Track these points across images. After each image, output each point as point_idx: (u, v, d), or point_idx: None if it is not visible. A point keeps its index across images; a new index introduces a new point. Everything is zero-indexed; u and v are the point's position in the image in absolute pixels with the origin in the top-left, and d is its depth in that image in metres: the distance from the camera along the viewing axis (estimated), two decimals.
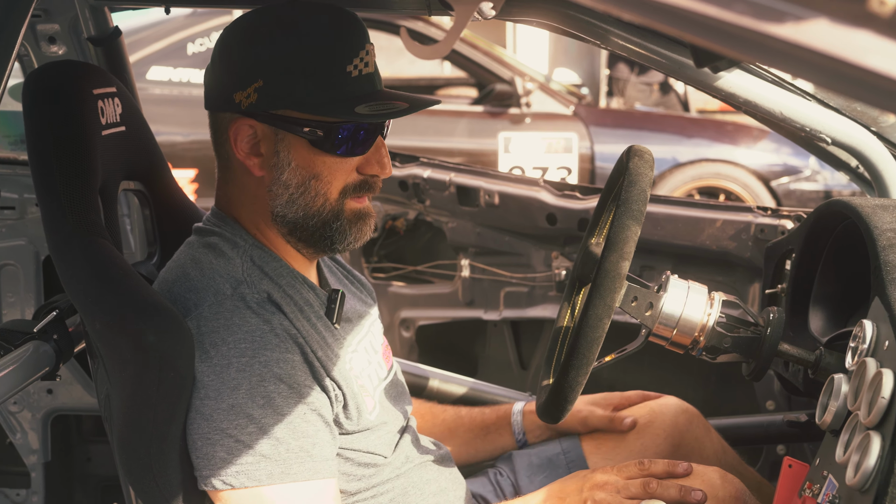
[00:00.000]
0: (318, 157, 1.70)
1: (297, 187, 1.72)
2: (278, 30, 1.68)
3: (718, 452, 2.23)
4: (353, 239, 1.79)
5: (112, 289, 1.65)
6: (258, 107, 1.69)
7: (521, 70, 7.40)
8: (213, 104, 1.77)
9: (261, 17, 1.72)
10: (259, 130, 1.71)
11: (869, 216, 1.82)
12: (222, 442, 1.60)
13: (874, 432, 1.43)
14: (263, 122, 1.70)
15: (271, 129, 1.70)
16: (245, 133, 1.72)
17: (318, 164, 1.71)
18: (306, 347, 1.68)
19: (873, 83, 0.68)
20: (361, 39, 1.71)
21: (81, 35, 2.41)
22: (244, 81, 1.68)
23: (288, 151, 1.70)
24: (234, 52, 1.72)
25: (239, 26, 1.73)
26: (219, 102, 1.75)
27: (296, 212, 1.74)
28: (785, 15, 0.68)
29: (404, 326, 3.83)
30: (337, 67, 1.68)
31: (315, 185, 1.72)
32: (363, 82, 1.71)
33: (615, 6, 0.74)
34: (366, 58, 1.71)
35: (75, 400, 2.83)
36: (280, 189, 1.73)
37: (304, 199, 1.73)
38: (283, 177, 1.72)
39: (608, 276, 1.68)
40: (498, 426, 2.31)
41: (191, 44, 7.00)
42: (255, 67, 1.68)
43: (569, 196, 3.31)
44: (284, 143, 1.70)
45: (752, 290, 3.01)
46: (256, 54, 1.68)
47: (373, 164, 1.76)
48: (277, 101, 1.68)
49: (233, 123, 1.72)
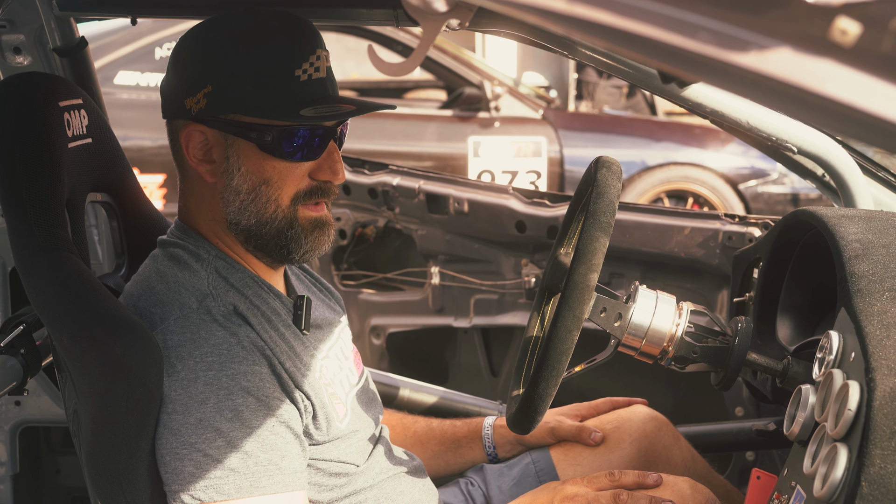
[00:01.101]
0: (269, 161, 1.70)
1: (248, 193, 1.72)
2: (228, 37, 1.69)
3: (687, 461, 2.24)
4: (309, 248, 1.78)
5: (79, 304, 1.64)
6: (207, 112, 1.69)
7: (491, 74, 7.41)
8: (167, 112, 1.78)
9: (212, 26, 1.73)
10: (210, 136, 1.72)
11: (835, 227, 1.84)
12: (190, 456, 1.59)
13: (841, 444, 1.44)
14: (213, 127, 1.71)
15: (221, 135, 1.71)
16: (196, 139, 1.72)
17: (269, 169, 1.71)
18: (274, 359, 1.68)
19: (834, 110, 0.69)
20: (312, 45, 1.72)
21: (47, 45, 2.40)
22: (194, 88, 1.69)
23: (238, 157, 1.71)
24: (185, 59, 1.73)
25: (191, 35, 1.74)
26: (172, 110, 1.76)
27: (248, 218, 1.73)
28: (749, 44, 0.69)
29: (374, 334, 3.83)
30: (285, 72, 1.68)
31: (266, 190, 1.72)
32: (312, 87, 1.71)
33: (582, 33, 0.74)
34: (316, 63, 1.71)
35: (43, 412, 2.81)
36: (231, 195, 1.73)
37: (255, 206, 1.72)
38: (234, 182, 1.72)
39: (577, 288, 1.69)
40: (469, 440, 2.31)
41: (158, 48, 6.97)
42: (205, 73, 1.69)
43: (538, 203, 3.32)
44: (234, 149, 1.71)
45: (721, 297, 3.02)
46: (206, 61, 1.69)
47: (325, 170, 1.76)
48: (226, 106, 1.68)
49: (184, 129, 1.73)
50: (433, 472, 2.26)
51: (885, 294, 1.58)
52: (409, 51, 7.22)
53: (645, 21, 0.71)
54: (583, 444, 2.22)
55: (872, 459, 1.37)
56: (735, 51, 0.69)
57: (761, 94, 0.72)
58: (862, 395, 1.44)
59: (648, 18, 0.71)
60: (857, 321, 1.55)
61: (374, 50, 1.25)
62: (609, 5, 0.71)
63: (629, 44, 0.73)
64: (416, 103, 8.20)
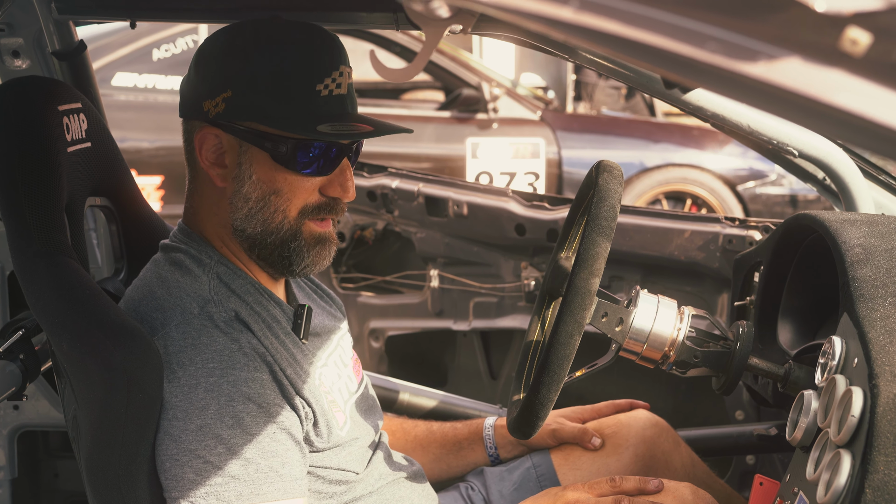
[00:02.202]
0: (280, 173, 1.70)
1: (257, 202, 1.71)
2: (253, 44, 1.69)
3: (688, 466, 2.24)
4: (310, 262, 1.78)
5: (79, 309, 1.63)
6: (224, 117, 1.69)
7: (489, 75, 7.41)
8: (185, 111, 1.77)
9: (239, 31, 1.73)
10: (224, 141, 1.71)
11: (837, 231, 1.83)
12: (191, 463, 1.58)
13: (844, 450, 1.44)
14: (228, 132, 1.70)
15: (236, 141, 1.70)
16: (210, 142, 1.72)
17: (280, 180, 1.70)
18: (275, 366, 1.67)
19: (844, 121, 0.68)
20: (336, 61, 1.71)
21: (46, 49, 2.39)
22: (214, 91, 1.69)
23: (250, 164, 1.70)
24: (208, 62, 1.73)
25: (217, 38, 1.74)
26: (189, 110, 1.75)
27: (254, 227, 1.73)
28: (758, 54, 0.68)
29: (374, 337, 3.82)
30: (306, 85, 1.68)
31: (275, 200, 1.71)
32: (332, 103, 1.70)
33: (589, 42, 0.73)
34: (339, 79, 1.71)
35: (42, 416, 2.80)
36: (240, 202, 1.72)
37: (262, 215, 1.72)
38: (244, 189, 1.71)
39: (578, 293, 1.68)
40: (470, 441, 2.30)
41: (156, 50, 6.96)
42: (226, 78, 1.68)
43: (537, 206, 3.31)
44: (247, 156, 1.70)
45: (721, 301, 3.02)
46: (228, 65, 1.69)
47: (335, 187, 1.75)
48: (243, 113, 1.68)
49: (199, 131, 1.73)
50: (435, 476, 2.26)
51: (888, 299, 1.57)
52: (407, 52, 7.21)
53: (653, 30, 0.70)
54: (583, 447, 2.21)
55: (876, 466, 1.37)
56: (744, 60, 0.69)
57: (770, 104, 0.71)
58: (865, 402, 1.43)
59: (656, 28, 0.70)
60: (859, 326, 1.54)
61: (376, 55, 1.25)
62: (617, 14, 0.71)
63: (637, 53, 0.73)
64: (414, 104, 8.18)
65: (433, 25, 1.12)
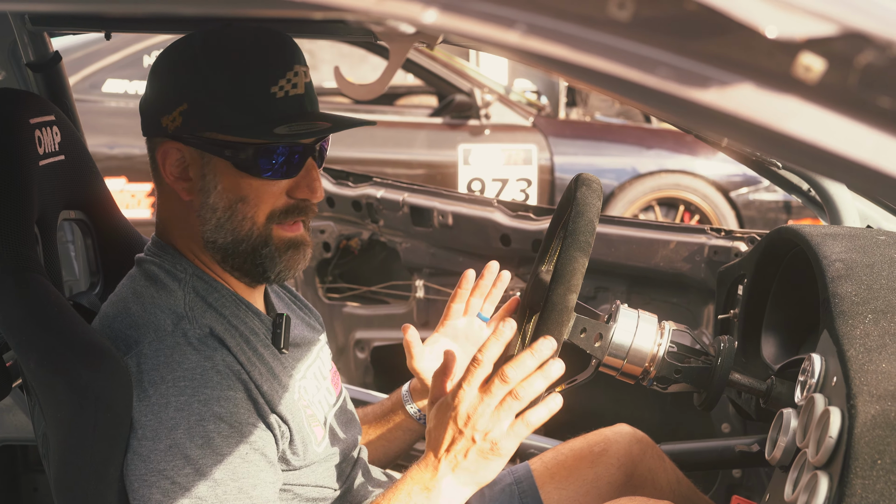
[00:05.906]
0: (245, 180, 1.68)
1: (224, 211, 1.69)
2: (202, 54, 1.67)
3: (672, 482, 2.21)
4: (283, 267, 1.75)
5: (46, 327, 1.61)
6: (183, 130, 1.67)
7: (481, 81, 7.39)
8: (145, 129, 1.76)
9: (188, 43, 1.71)
10: (186, 154, 1.70)
11: (818, 245, 1.81)
12: (159, 484, 1.56)
13: (822, 472, 1.41)
14: (189, 144, 1.68)
15: (198, 153, 1.68)
16: (173, 157, 1.70)
17: (245, 188, 1.68)
18: (250, 383, 1.65)
19: (795, 148, 0.66)
20: (290, 61, 1.69)
21: (20, 60, 2.37)
22: (170, 105, 1.67)
23: (214, 175, 1.68)
24: (161, 77, 1.71)
25: (168, 52, 1.72)
26: (149, 127, 1.74)
27: (224, 237, 1.71)
28: (709, 80, 0.66)
29: (359, 347, 3.80)
30: (260, 89, 1.66)
31: (242, 208, 1.69)
32: (289, 104, 1.68)
33: (539, 65, 0.71)
34: (294, 79, 1.68)
35: (21, 430, 2.78)
36: (208, 213, 1.70)
37: (231, 224, 1.70)
38: (210, 200, 1.69)
39: (555, 310, 1.66)
40: (394, 409, 2.21)
41: (147, 56, 6.94)
42: (180, 91, 1.67)
43: (523, 217, 3.30)
44: (210, 167, 1.68)
45: (707, 312, 3.00)
46: (181, 78, 1.67)
47: (302, 188, 1.73)
48: (201, 124, 1.66)
49: (160, 147, 1.71)
50: (382, 458, 2.18)
51: (868, 316, 1.55)
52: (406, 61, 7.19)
53: (602, 56, 0.68)
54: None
55: (853, 489, 1.34)
56: (695, 87, 0.67)
57: (722, 130, 0.69)
58: (843, 422, 1.41)
59: (605, 53, 0.68)
60: (839, 344, 1.52)
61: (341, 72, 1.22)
62: (565, 39, 0.68)
63: (587, 78, 0.71)
64: (407, 111, 8.16)
65: (398, 41, 1.09)
